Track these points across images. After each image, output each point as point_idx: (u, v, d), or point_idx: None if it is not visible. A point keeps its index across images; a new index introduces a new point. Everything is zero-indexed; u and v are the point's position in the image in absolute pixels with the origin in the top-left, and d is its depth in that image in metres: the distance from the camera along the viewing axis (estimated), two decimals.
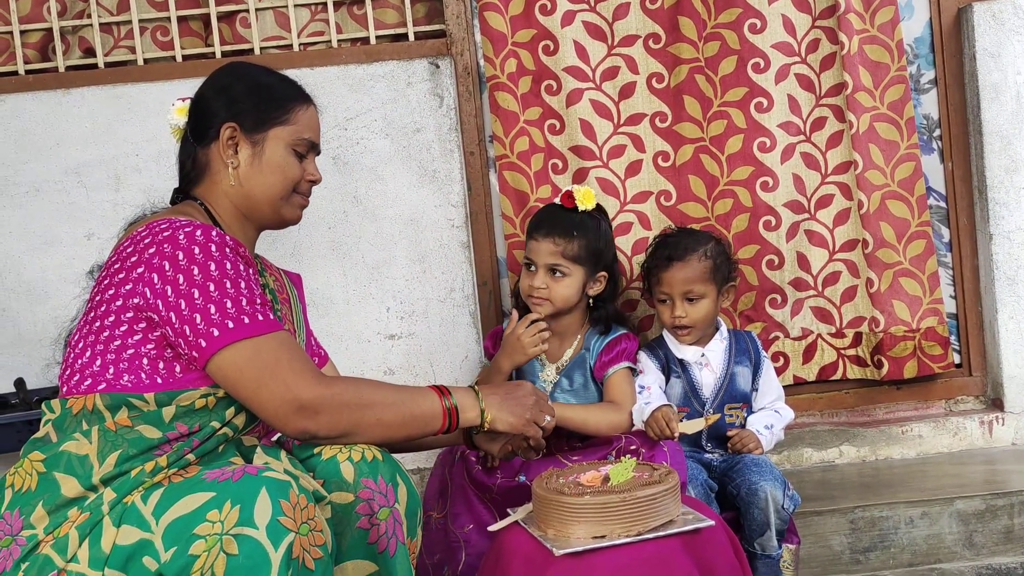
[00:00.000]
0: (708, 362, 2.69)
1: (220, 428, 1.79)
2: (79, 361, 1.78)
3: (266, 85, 1.97)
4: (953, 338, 3.14)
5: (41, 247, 2.99)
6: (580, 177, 3.06)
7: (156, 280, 1.72)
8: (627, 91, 3.07)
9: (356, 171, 3.01)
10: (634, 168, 3.08)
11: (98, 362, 1.76)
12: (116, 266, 1.79)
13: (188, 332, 1.71)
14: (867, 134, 3.01)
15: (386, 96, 3.01)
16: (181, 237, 1.74)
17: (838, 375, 3.13)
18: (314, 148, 2.01)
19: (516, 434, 2.02)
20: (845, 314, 3.11)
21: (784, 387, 2.99)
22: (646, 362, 2.70)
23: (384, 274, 3.03)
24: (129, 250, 1.78)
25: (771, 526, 2.41)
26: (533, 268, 2.62)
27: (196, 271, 1.71)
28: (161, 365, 1.75)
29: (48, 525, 1.67)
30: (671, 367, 2.70)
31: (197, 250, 1.73)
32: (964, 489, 2.72)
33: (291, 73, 2.05)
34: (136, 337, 1.74)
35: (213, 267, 1.72)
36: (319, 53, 3.05)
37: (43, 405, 1.81)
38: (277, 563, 1.55)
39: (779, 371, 3.08)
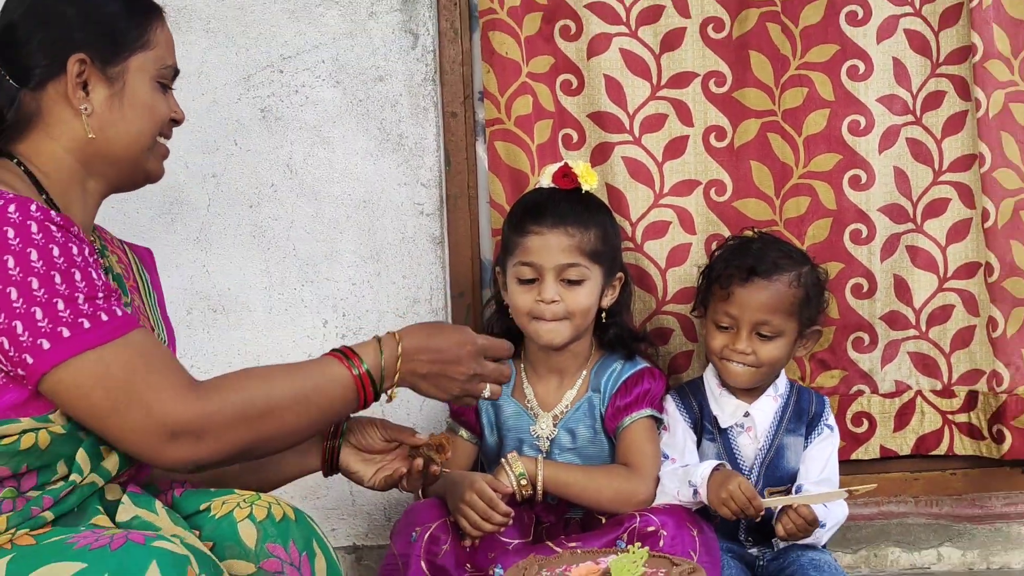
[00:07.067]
0: (752, 425, 2.44)
1: (82, 480, 1.66)
2: None
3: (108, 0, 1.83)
4: None
5: None
6: (601, 155, 2.69)
7: None
8: (672, 40, 2.71)
9: (292, 130, 2.69)
10: (676, 147, 2.73)
11: None
12: None
13: (7, 345, 1.58)
14: (1000, 118, 2.66)
15: (339, 29, 2.69)
16: None
17: (942, 449, 2.79)
18: (176, 75, 1.92)
19: (410, 444, 1.91)
20: (956, 365, 2.76)
21: (868, 461, 2.80)
22: (674, 413, 2.42)
23: (323, 274, 2.72)
24: None
25: None
26: (534, 277, 2.34)
27: (12, 263, 1.60)
28: None
29: None
30: (704, 423, 2.45)
31: (12, 233, 1.60)
32: None
33: None
34: None
35: (35, 256, 1.61)
36: None
37: None
38: None
39: (862, 439, 2.78)
